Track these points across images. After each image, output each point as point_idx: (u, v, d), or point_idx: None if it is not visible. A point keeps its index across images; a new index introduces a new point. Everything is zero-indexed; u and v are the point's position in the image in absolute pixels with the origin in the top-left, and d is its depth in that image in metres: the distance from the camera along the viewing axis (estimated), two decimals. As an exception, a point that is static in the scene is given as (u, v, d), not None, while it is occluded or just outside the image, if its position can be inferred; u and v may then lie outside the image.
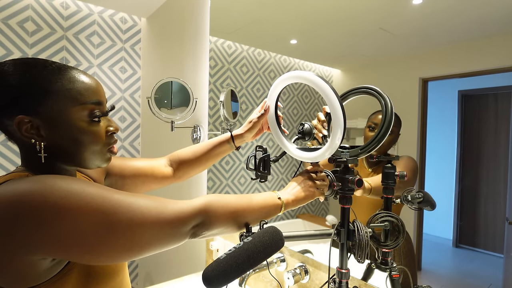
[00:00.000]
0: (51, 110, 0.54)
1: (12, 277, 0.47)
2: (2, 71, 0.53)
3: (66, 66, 0.57)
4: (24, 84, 0.52)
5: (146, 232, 0.51)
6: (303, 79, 0.73)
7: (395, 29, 0.97)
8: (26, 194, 0.45)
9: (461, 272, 0.89)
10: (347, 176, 0.73)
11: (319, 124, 0.87)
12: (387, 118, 0.75)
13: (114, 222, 0.48)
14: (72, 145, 0.57)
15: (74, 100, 0.55)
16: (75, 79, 0.56)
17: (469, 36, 0.82)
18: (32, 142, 0.54)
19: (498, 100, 0.81)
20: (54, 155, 0.57)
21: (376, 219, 0.81)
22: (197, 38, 1.69)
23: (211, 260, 1.37)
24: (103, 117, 0.61)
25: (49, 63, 0.56)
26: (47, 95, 0.53)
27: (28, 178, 0.48)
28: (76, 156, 0.58)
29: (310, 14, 1.21)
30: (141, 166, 0.86)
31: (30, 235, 0.44)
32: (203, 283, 0.51)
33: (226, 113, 1.38)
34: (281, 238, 0.57)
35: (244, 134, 0.89)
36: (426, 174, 0.90)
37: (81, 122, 0.57)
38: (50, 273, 0.51)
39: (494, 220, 0.83)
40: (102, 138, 0.60)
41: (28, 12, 1.90)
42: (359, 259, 0.71)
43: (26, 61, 0.54)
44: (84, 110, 0.57)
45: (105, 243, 0.48)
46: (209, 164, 0.94)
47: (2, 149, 1.85)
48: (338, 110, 0.66)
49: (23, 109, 0.53)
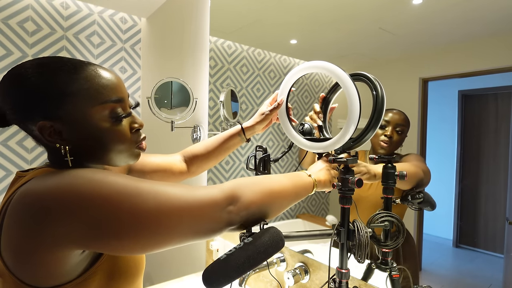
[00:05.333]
0: (71, 112, 0.52)
1: (40, 273, 0.47)
2: (20, 74, 0.51)
3: (83, 62, 0.55)
4: (41, 87, 0.51)
5: (175, 218, 0.48)
6: (323, 68, 0.73)
7: (395, 29, 0.97)
8: (57, 187, 0.45)
9: (461, 272, 0.89)
10: (347, 176, 0.73)
11: (314, 115, 0.87)
12: (378, 105, 0.73)
13: (143, 209, 0.46)
14: (97, 146, 0.55)
15: (93, 100, 0.53)
16: (92, 76, 0.54)
17: (469, 36, 0.82)
18: (57, 146, 0.53)
19: (498, 100, 0.81)
20: (80, 156, 0.55)
21: (376, 219, 0.81)
22: (197, 38, 1.69)
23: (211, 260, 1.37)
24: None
25: (64, 62, 0.53)
26: (65, 98, 0.51)
27: (59, 172, 0.48)
28: (103, 156, 0.57)
29: (310, 14, 1.21)
30: (160, 162, 0.88)
31: (62, 226, 0.44)
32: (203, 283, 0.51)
33: (226, 113, 1.38)
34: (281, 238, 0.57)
35: (254, 126, 0.91)
36: (426, 174, 0.90)
37: (103, 122, 0.55)
38: (76, 271, 0.51)
39: (494, 220, 0.83)
40: (127, 136, 0.58)
41: (28, 12, 1.90)
42: (359, 259, 0.71)
43: (42, 63, 0.53)
44: (105, 109, 0.54)
45: (134, 229, 0.46)
46: (221, 157, 0.96)
47: (2, 149, 1.85)
48: (355, 99, 0.68)
49: (43, 113, 0.51)
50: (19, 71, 0.52)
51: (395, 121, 0.91)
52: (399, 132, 0.91)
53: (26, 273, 0.48)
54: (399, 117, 0.91)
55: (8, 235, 0.47)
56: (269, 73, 1.47)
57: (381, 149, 0.94)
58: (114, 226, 0.45)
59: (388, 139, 0.92)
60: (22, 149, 1.90)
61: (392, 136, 0.92)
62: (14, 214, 0.46)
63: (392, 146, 0.92)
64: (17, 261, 0.47)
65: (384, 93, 0.73)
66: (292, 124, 0.86)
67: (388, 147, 0.93)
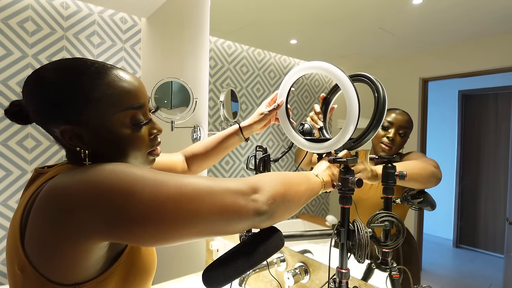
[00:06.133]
0: (93, 118, 0.52)
1: (62, 268, 0.48)
2: (43, 78, 0.52)
3: (106, 66, 0.55)
4: (63, 92, 0.51)
5: (197, 203, 0.46)
6: (321, 69, 0.73)
7: (395, 29, 0.97)
8: (83, 180, 0.46)
9: (461, 272, 0.89)
10: (347, 176, 0.73)
11: (315, 116, 0.87)
12: (380, 106, 0.73)
13: (166, 195, 0.46)
14: (116, 151, 0.56)
15: (115, 107, 0.54)
16: (115, 82, 0.54)
17: (469, 36, 0.82)
18: (77, 150, 0.54)
19: (498, 100, 0.81)
20: (99, 159, 0.56)
21: (376, 219, 0.81)
22: (197, 38, 1.69)
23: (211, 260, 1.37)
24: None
25: (88, 65, 0.53)
26: (87, 103, 0.52)
27: (85, 167, 0.49)
28: (121, 160, 0.57)
29: (310, 14, 1.21)
30: (166, 162, 0.89)
31: (87, 216, 0.44)
32: (203, 283, 0.51)
33: (226, 113, 1.38)
34: (281, 238, 0.57)
35: (252, 125, 0.92)
36: (426, 174, 0.89)
37: (124, 129, 0.55)
38: (96, 268, 0.52)
39: (494, 220, 0.83)
40: (146, 142, 0.59)
41: (28, 12, 1.90)
42: (359, 259, 0.71)
43: (66, 66, 0.53)
44: (126, 116, 0.55)
45: (156, 215, 0.45)
46: (220, 156, 0.97)
47: (2, 149, 1.85)
48: (354, 100, 0.68)
49: (66, 117, 0.52)
50: (43, 73, 0.52)
51: (398, 122, 0.90)
52: (402, 134, 0.90)
53: (48, 268, 0.48)
54: (403, 118, 0.90)
55: (34, 228, 0.48)
56: (269, 73, 1.47)
57: (383, 152, 0.93)
58: (137, 212, 0.45)
59: (390, 141, 0.90)
60: (22, 149, 1.90)
61: (394, 139, 0.90)
62: (41, 207, 0.47)
63: (394, 149, 0.91)
64: (41, 254, 0.48)
65: (386, 95, 0.73)
66: (292, 125, 0.87)
67: (389, 150, 0.91)
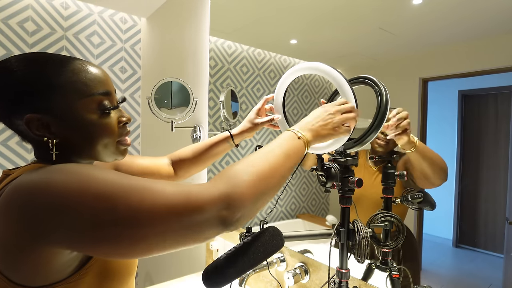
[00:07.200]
0: (59, 105, 0.52)
1: (28, 271, 0.47)
2: (5, 68, 0.52)
3: (69, 57, 0.55)
4: (28, 80, 0.51)
5: (157, 219, 0.43)
6: (317, 70, 0.73)
7: (395, 29, 0.97)
8: (46, 182, 0.44)
9: (461, 272, 0.89)
10: (347, 176, 0.73)
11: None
12: (382, 108, 0.73)
13: (124, 208, 0.43)
14: (84, 139, 0.56)
15: (80, 93, 0.54)
16: (79, 70, 0.55)
17: (469, 36, 0.82)
18: (44, 140, 0.53)
19: (498, 100, 0.81)
20: (67, 150, 0.55)
21: (376, 219, 0.81)
22: (197, 38, 1.69)
23: (211, 260, 1.37)
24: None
25: (51, 56, 0.54)
26: (52, 90, 0.52)
27: (48, 167, 0.48)
28: (90, 150, 0.57)
29: (310, 14, 1.21)
30: (149, 165, 0.87)
31: (47, 223, 0.43)
32: (203, 283, 0.51)
33: (226, 113, 1.38)
34: (281, 238, 0.57)
35: (244, 133, 0.92)
36: (426, 174, 0.89)
37: (91, 115, 0.55)
38: (65, 270, 0.50)
39: (494, 220, 0.83)
40: (115, 129, 0.58)
41: (28, 12, 1.90)
42: (359, 259, 0.71)
43: (28, 57, 0.53)
44: (92, 102, 0.55)
45: (116, 230, 0.43)
46: (209, 162, 0.95)
47: (2, 149, 1.85)
48: (351, 99, 0.67)
49: (30, 107, 0.51)
50: (4, 65, 0.52)
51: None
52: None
53: (14, 271, 0.47)
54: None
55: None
56: (269, 73, 1.47)
57: (379, 148, 0.93)
58: (97, 227, 0.42)
59: (385, 137, 0.91)
60: (22, 149, 1.90)
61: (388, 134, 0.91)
62: (2, 210, 0.45)
63: (390, 145, 0.92)
64: (5, 258, 0.46)
65: (388, 97, 0.73)
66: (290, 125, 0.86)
67: (386, 146, 0.92)
